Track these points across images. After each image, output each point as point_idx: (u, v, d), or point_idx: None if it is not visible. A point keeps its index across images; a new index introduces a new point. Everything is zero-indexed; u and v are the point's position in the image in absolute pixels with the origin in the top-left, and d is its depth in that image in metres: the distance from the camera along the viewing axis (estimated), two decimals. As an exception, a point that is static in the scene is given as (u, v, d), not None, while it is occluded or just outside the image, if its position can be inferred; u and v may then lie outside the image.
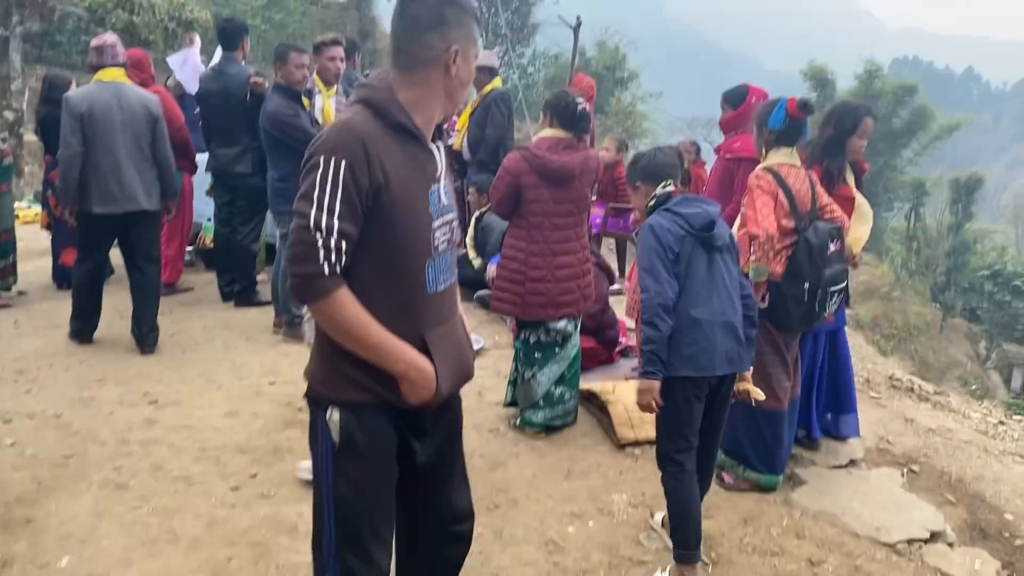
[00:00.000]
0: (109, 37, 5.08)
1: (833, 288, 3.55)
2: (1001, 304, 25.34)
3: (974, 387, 16.92)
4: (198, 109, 6.32)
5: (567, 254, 3.94)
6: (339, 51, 5.36)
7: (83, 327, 5.19)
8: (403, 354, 1.83)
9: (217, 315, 5.95)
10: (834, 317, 3.75)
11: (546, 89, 27.65)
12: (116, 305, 5.57)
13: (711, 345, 2.77)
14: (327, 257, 1.75)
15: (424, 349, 1.88)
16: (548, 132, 4.01)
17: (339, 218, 1.74)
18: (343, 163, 1.74)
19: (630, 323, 5.19)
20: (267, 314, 5.70)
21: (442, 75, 1.88)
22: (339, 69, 5.39)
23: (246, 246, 6.10)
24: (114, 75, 4.95)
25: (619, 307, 5.49)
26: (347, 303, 1.78)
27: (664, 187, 2.99)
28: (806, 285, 3.47)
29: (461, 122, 7.20)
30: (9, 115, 10.71)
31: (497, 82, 6.96)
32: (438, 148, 1.98)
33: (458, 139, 7.14)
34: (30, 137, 11.64)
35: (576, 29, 9.93)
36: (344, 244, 1.76)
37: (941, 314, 23.73)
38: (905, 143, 31.24)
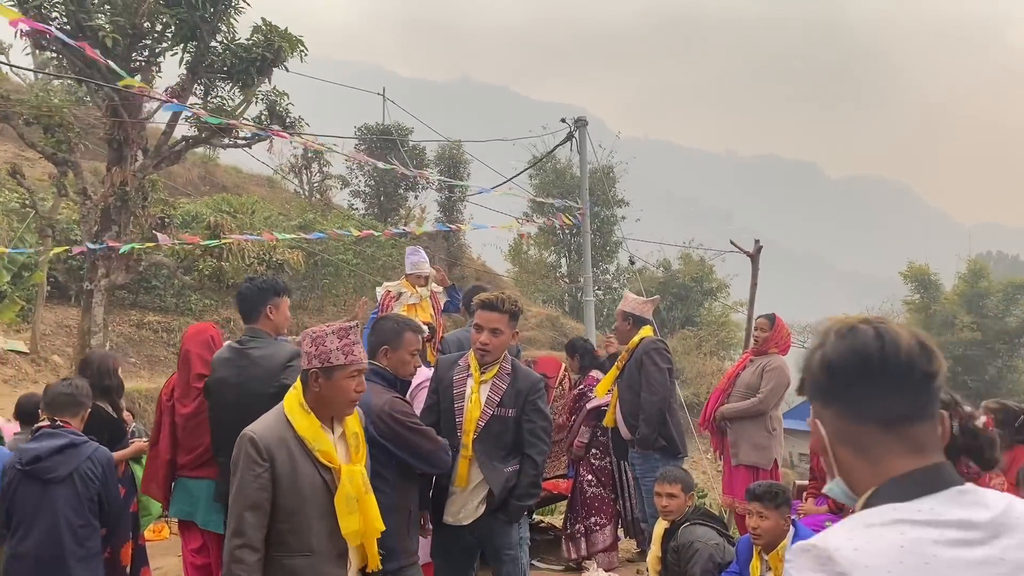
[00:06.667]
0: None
1: None
2: None
3: None
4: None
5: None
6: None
7: None
8: None
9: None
10: None
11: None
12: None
13: None
14: None
15: None
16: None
17: None
18: None
19: None
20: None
21: None
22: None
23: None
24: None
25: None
26: None
27: None
28: None
29: (601, 388, 5.76)
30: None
31: (647, 331, 5.59)
32: None
33: (609, 413, 5.67)
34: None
35: (755, 256, 8.91)
36: None
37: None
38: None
